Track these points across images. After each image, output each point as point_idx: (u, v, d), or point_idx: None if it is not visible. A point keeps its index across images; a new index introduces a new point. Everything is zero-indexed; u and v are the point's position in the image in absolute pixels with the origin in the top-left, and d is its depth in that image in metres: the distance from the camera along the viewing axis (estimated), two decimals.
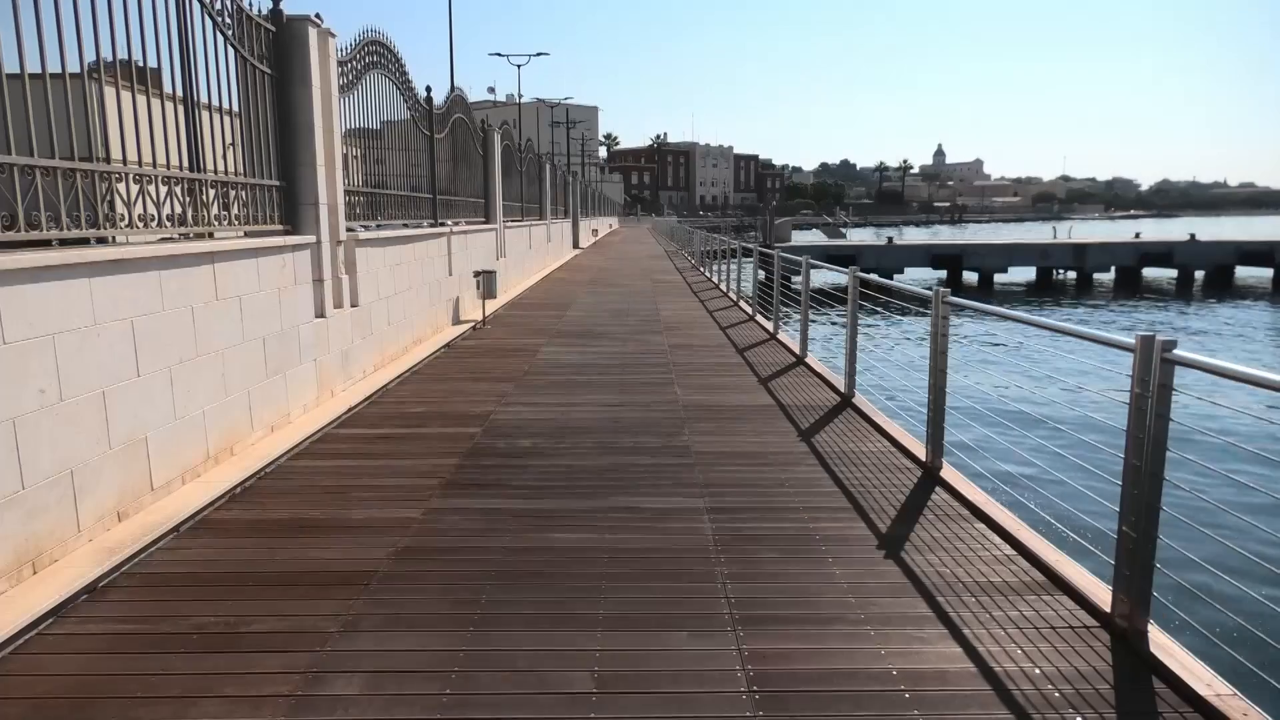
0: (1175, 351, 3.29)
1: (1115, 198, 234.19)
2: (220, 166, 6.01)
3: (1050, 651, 3.37)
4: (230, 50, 6.21)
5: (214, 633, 3.52)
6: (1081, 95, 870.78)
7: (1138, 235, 47.26)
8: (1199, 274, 40.44)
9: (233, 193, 6.22)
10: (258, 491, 5.37)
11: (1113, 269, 41.41)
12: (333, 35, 7.78)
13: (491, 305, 14.13)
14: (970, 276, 40.42)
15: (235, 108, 6.36)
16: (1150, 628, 3.41)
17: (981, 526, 4.70)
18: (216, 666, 3.26)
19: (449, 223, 12.88)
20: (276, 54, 7.02)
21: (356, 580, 4.02)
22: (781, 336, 11.80)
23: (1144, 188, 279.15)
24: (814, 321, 10.70)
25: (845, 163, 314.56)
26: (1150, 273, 41.30)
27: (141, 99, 5.03)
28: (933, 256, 41.63)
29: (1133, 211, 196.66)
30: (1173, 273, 40.86)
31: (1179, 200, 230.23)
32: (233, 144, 6.31)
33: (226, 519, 4.89)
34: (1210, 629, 3.61)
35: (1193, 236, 42.35)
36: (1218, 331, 25.75)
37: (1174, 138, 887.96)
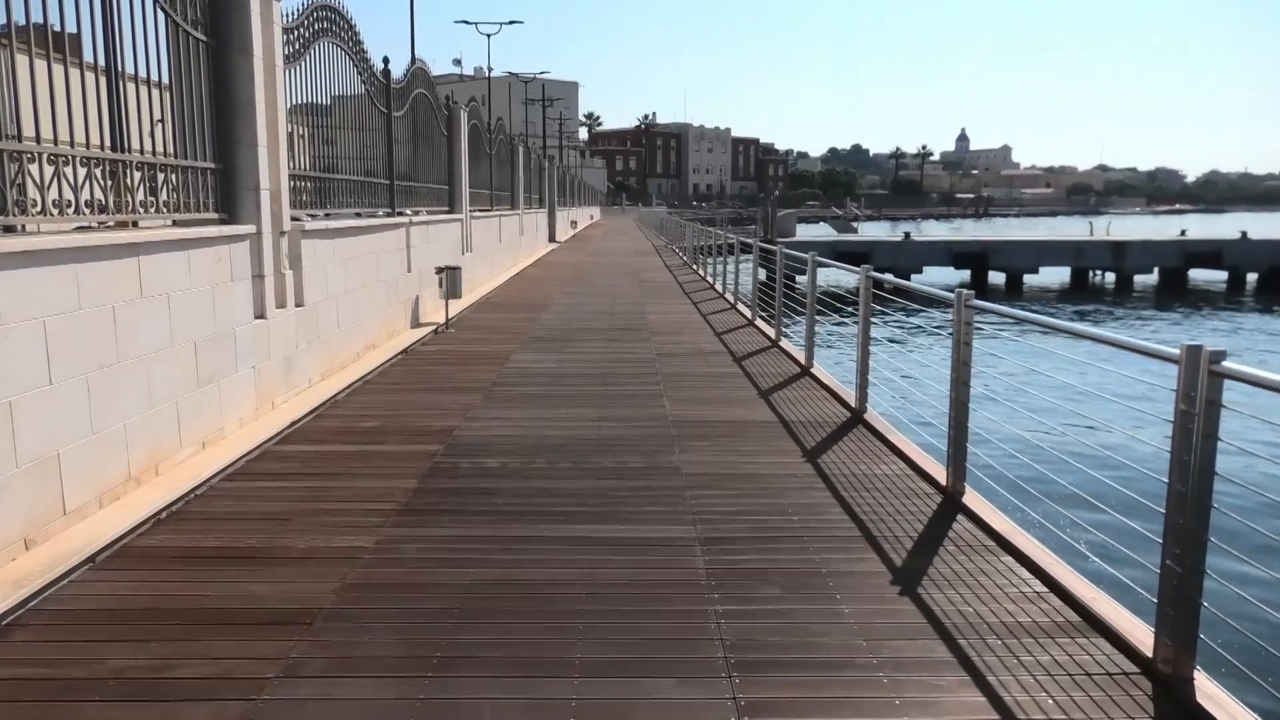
0: (1225, 363, 3.30)
1: (1158, 190, 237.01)
2: (147, 146, 5.98)
3: (1085, 701, 3.38)
4: (160, 13, 6.18)
5: (134, 678, 3.49)
6: (1121, 77, 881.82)
7: (1183, 232, 47.73)
8: (1251, 276, 40.86)
9: (161, 175, 6.19)
10: (186, 516, 5.33)
11: (1155, 270, 41.82)
12: None
13: (456, 306, 14.11)
14: (997, 277, 40.73)
15: (165, 79, 6.33)
16: (1197, 675, 3.43)
17: (1009, 560, 4.72)
18: (136, 717, 3.23)
19: (408, 212, 12.86)
20: (213, 18, 7.00)
21: (298, 619, 3.99)
22: (784, 344, 11.84)
23: (1190, 179, 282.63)
24: (821, 327, 10.74)
25: (857, 148, 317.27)
26: (1197, 274, 41.70)
27: (58, 69, 5.00)
28: (955, 254, 41.92)
29: (1177, 206, 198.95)
30: (1223, 275, 41.28)
31: (1229, 194, 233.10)
32: (161, 120, 6.28)
33: (150, 547, 4.85)
34: (1265, 677, 3.63)
35: (1244, 234, 42.82)
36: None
37: (1224, 124, 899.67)
